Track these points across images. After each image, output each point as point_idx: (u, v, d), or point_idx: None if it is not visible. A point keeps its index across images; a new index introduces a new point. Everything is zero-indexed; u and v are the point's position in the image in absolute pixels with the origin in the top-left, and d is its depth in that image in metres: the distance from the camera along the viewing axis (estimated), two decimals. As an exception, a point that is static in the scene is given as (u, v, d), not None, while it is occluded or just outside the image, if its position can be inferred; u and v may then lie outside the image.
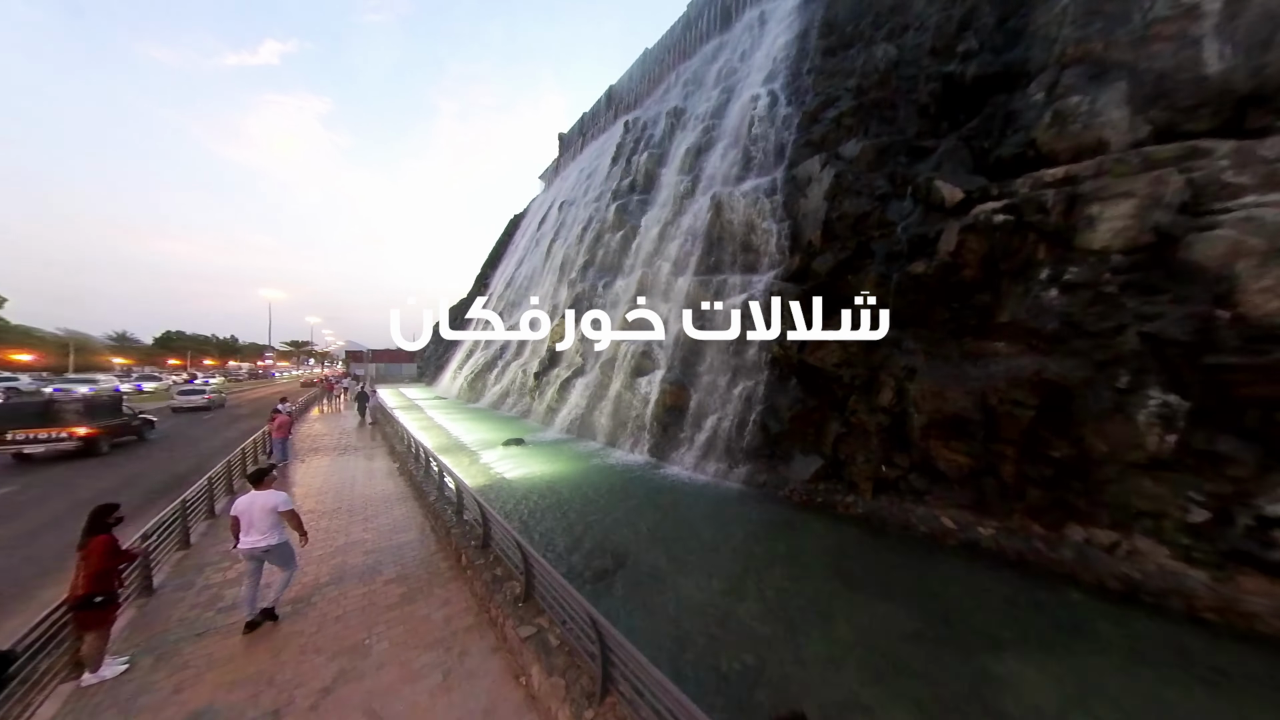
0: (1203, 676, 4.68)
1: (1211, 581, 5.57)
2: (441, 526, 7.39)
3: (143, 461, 13.32)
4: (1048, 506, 7.17)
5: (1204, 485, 5.90)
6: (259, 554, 4.79)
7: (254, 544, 4.75)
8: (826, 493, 9.63)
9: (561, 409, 20.72)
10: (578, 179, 46.59)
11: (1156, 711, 4.25)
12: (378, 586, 5.79)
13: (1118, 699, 4.37)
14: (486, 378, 35.10)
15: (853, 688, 4.50)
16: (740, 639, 5.29)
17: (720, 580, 6.72)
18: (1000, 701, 4.32)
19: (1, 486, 10.33)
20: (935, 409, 8.43)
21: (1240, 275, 6.59)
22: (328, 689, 4.00)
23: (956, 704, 4.29)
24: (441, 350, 67.39)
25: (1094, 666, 4.83)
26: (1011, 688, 4.48)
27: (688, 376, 15.22)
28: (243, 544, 4.77)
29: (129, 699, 3.90)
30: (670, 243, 20.73)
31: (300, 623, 4.98)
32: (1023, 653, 5.04)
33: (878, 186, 12.61)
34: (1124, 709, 4.26)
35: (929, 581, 6.67)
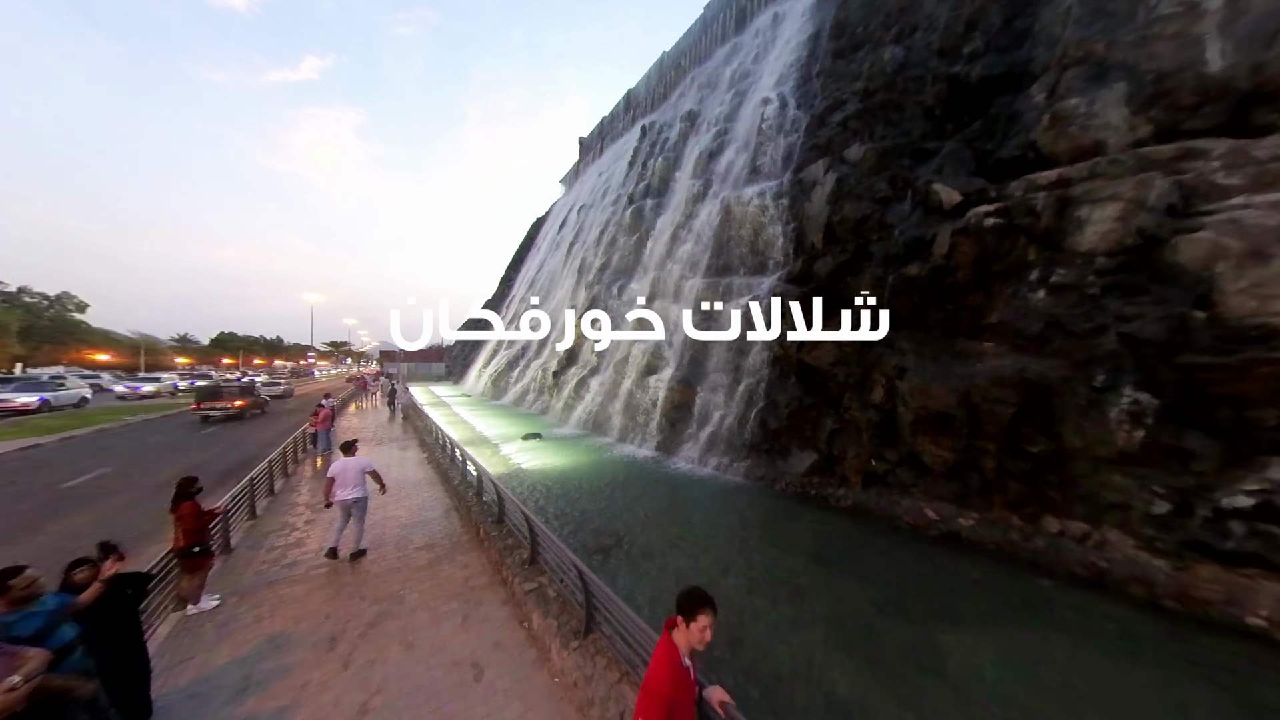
0: (1141, 654, 5.05)
1: (1171, 570, 5.86)
2: (464, 506, 8.40)
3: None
4: (1026, 499, 7.50)
5: (1168, 479, 6.16)
6: (349, 504, 6.30)
7: (346, 497, 6.28)
8: (819, 486, 10.13)
9: (578, 406, 21.73)
10: (596, 183, 47.70)
11: (1085, 678, 4.69)
12: (410, 552, 6.81)
13: (1050, 666, 4.83)
14: (509, 376, 36.63)
15: (809, 645, 5.13)
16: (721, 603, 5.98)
17: (709, 558, 7.42)
18: (935, 661, 4.86)
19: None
20: (922, 406, 8.82)
21: (1219, 276, 6.76)
22: (372, 624, 4.97)
23: (893, 661, 4.86)
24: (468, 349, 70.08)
25: (1039, 641, 5.27)
26: (952, 652, 5.00)
27: (695, 375, 15.86)
28: (337, 497, 6.26)
29: (221, 625, 4.99)
30: (681, 245, 21.37)
31: (348, 576, 6.03)
32: (975, 627, 5.53)
33: (878, 190, 12.90)
34: (1053, 674, 4.72)
35: (904, 566, 7.16)
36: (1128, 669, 4.80)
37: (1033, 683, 4.60)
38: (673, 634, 2.26)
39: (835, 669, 4.78)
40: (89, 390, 26.53)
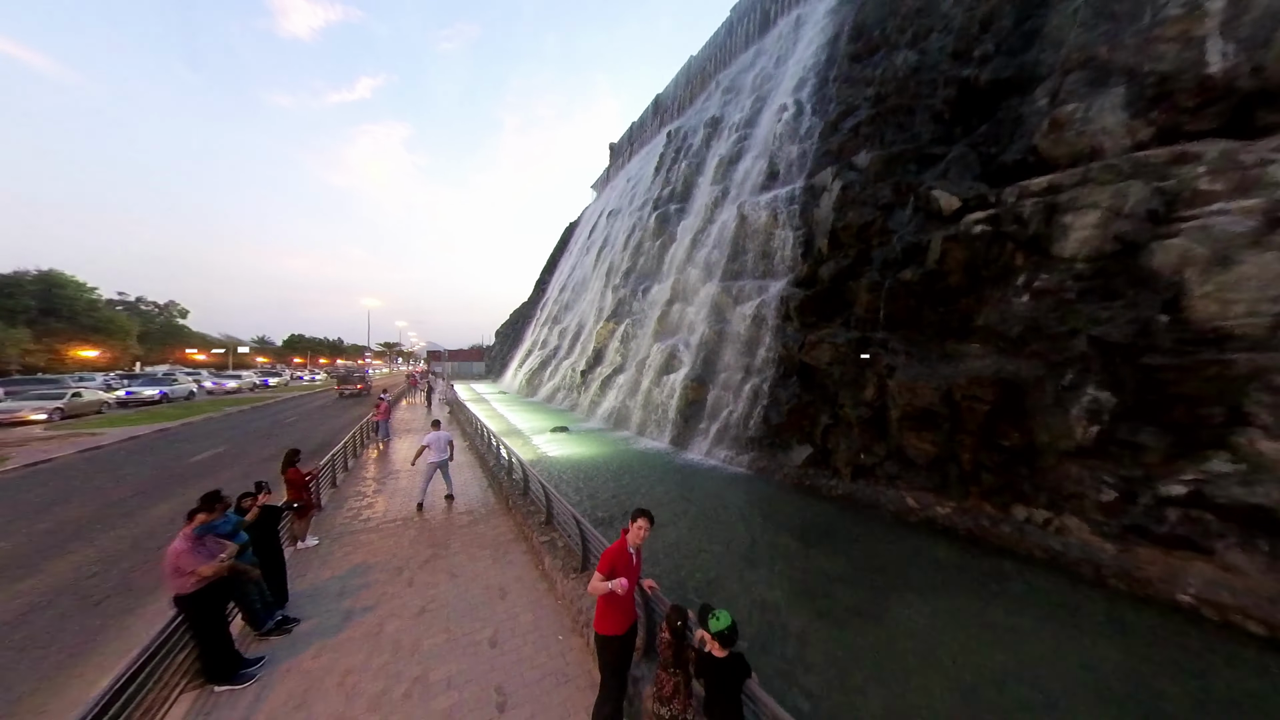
0: (1072, 621, 5.70)
1: (1115, 552, 6.37)
2: (496, 483, 10.01)
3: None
4: (998, 489, 8.07)
5: (1118, 470, 6.63)
6: (436, 465, 8.81)
7: (436, 459, 8.85)
8: (814, 477, 10.95)
9: (602, 403, 23.26)
10: (625, 188, 49.27)
11: (1009, 635, 5.45)
12: (454, 515, 8.45)
13: (979, 625, 5.62)
14: (541, 375, 38.92)
15: (772, 599, 6.19)
16: (703, 565, 7.16)
17: (701, 533, 8.57)
18: (876, 613, 5.79)
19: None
20: (908, 403, 9.48)
21: (1187, 281, 7.09)
22: (427, 560, 6.57)
23: (838, 611, 5.84)
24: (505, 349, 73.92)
25: (979, 607, 6.03)
26: (893, 609, 5.90)
27: (708, 374, 16.89)
28: (429, 459, 8.79)
29: (321, 557, 6.75)
30: (700, 250, 22.35)
31: (410, 530, 7.72)
32: (923, 593, 6.36)
33: (882, 196, 13.39)
34: (979, 630, 5.52)
35: (877, 546, 7.98)
36: (1053, 632, 5.50)
37: (954, 634, 5.44)
38: (626, 534, 3.47)
39: (785, 612, 5.84)
40: (195, 385, 31.24)
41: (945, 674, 4.73)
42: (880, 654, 5.06)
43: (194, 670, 4.03)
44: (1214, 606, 5.46)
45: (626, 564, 3.37)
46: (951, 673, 4.74)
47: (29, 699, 4.02)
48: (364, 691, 3.96)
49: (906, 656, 5.02)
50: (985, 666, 4.84)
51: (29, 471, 11.40)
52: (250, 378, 45.55)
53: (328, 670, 4.26)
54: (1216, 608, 5.44)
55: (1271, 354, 5.92)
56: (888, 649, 5.16)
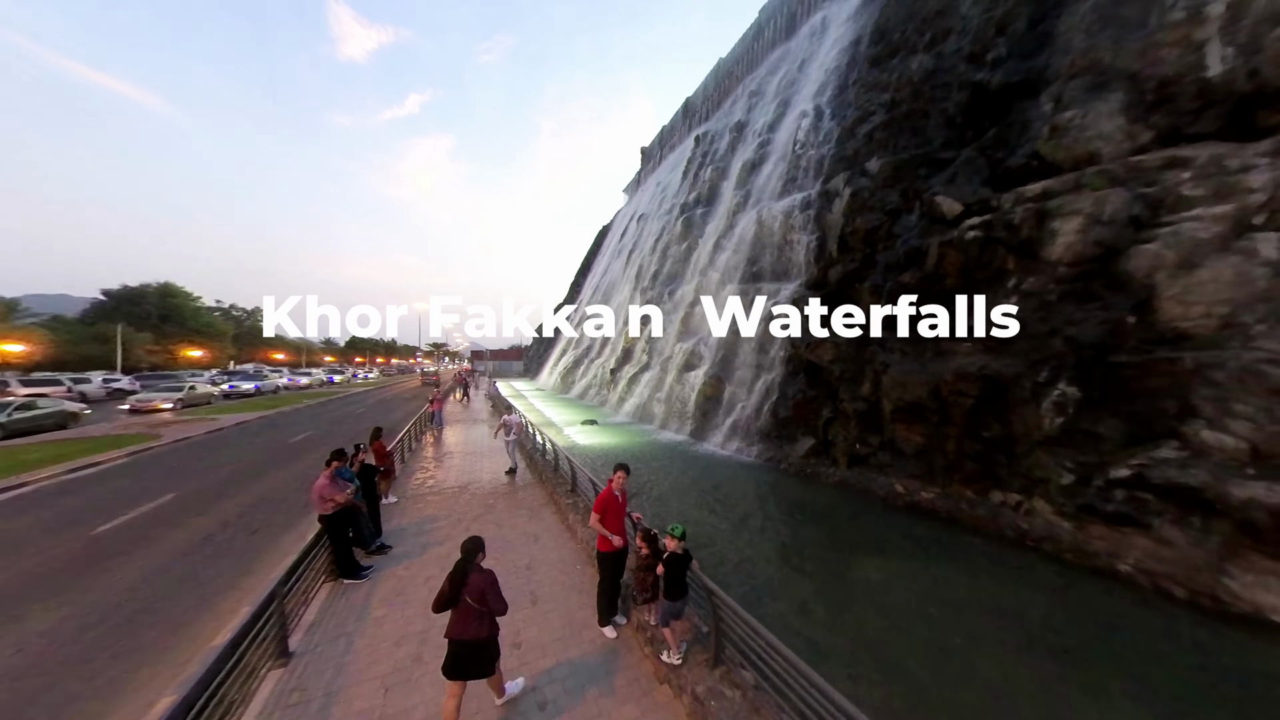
0: (1020, 584, 6.54)
1: (1072, 529, 7.07)
2: (533, 462, 11.78)
3: None
4: (978, 476, 8.80)
5: (1077, 456, 7.28)
6: (513, 441, 10.86)
7: (512, 438, 10.87)
8: (815, 465, 11.91)
9: (629, 398, 24.84)
10: (654, 192, 50.65)
11: (960, 593, 6.40)
12: (498, 486, 10.26)
13: (934, 584, 6.58)
14: (575, 373, 41.13)
15: (755, 556, 7.43)
16: (705, 532, 8.49)
17: (704, 508, 9.87)
18: (843, 571, 6.90)
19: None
20: (899, 398, 10.30)
21: (1158, 284, 7.58)
22: (478, 516, 8.35)
23: (812, 568, 6.99)
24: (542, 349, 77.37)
25: (939, 572, 6.96)
26: (859, 569, 6.97)
27: (725, 372, 18.00)
28: (508, 437, 10.88)
29: (400, 510, 8.70)
30: (721, 254, 23.38)
31: (464, 495, 9.58)
32: (891, 559, 7.36)
33: (889, 202, 14.00)
34: (932, 588, 6.50)
35: (859, 523, 8.96)
36: (994, 591, 6.40)
37: (904, 586, 6.46)
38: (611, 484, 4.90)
39: (766, 565, 7.08)
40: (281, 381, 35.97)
41: (881, 610, 5.83)
42: (834, 594, 6.23)
43: (331, 569, 5.91)
44: (1147, 575, 6.15)
45: (614, 504, 4.82)
46: (886, 610, 5.84)
47: (222, 591, 6.05)
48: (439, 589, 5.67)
49: (855, 597, 6.15)
50: (918, 608, 5.89)
51: (178, 445, 14.51)
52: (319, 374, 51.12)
53: (414, 576, 6.02)
54: (1149, 576, 6.13)
55: (1215, 352, 6.46)
56: (842, 592, 6.31)
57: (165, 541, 7.30)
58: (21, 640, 4.75)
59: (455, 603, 3.34)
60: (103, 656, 4.54)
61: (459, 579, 3.37)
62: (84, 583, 5.94)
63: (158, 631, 4.98)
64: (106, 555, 6.74)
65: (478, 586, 3.35)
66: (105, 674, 4.30)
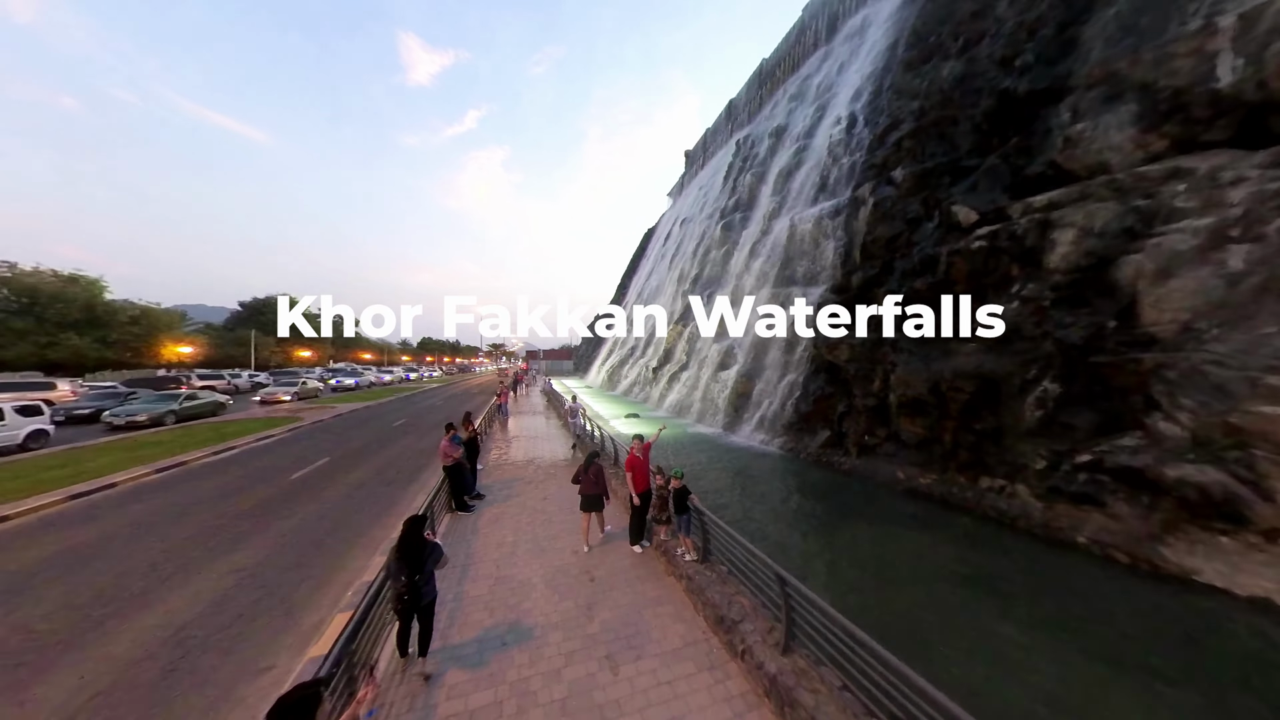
0: (989, 550, 7.76)
1: (1042, 508, 8.06)
2: (581, 442, 14.22)
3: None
4: (971, 464, 9.84)
5: (1052, 445, 8.22)
6: (580, 424, 13.03)
7: (578, 421, 13.33)
8: (829, 455, 13.23)
9: (669, 395, 26.82)
10: (697, 196, 52.05)
11: (919, 552, 7.77)
12: (556, 462, 12.76)
13: (914, 548, 7.97)
14: (620, 371, 43.79)
15: (765, 522, 9.18)
16: (724, 503, 10.36)
17: (726, 487, 11.69)
18: (832, 534, 8.48)
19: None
20: (904, 393, 11.43)
21: (1140, 292, 8.30)
22: (543, 481, 10.84)
23: (811, 530, 8.63)
24: (591, 349, 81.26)
25: (913, 537, 8.30)
26: (846, 533, 8.51)
27: (755, 371, 19.45)
28: (574, 420, 13.22)
29: (486, 474, 11.42)
30: (756, 259, 24.64)
31: (529, 468, 12.18)
32: (876, 528, 8.78)
33: (911, 210, 14.80)
34: (902, 548, 7.91)
35: (858, 501, 10.34)
36: (959, 554, 7.68)
37: (882, 547, 7.93)
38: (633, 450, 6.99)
39: (768, 526, 8.84)
40: (371, 377, 42.16)
41: (855, 561, 7.41)
42: (819, 548, 7.89)
43: (449, 504, 8.57)
44: (1099, 545, 7.15)
45: (640, 465, 6.90)
46: (860, 561, 7.41)
47: (385, 511, 8.90)
48: (522, 520, 8.10)
49: (837, 552, 7.77)
50: (888, 561, 7.39)
51: (316, 426, 18.75)
52: (399, 372, 58.26)
53: (504, 513, 8.51)
54: (1100, 545, 7.13)
55: (1171, 354, 7.25)
56: (827, 546, 7.95)
57: (336, 486, 10.50)
58: (281, 531, 7.79)
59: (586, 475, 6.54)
60: (330, 540, 7.41)
61: (590, 466, 6.64)
62: (299, 507, 9.08)
63: (352, 531, 7.84)
64: (305, 492, 9.99)
65: (596, 471, 6.61)
66: (333, 549, 7.12)
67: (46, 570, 6.25)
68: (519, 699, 3.80)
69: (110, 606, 5.36)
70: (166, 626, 4.99)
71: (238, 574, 6.21)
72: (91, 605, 5.38)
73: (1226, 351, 6.77)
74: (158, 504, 9.11)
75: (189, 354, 38.30)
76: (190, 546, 7.07)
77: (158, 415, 17.88)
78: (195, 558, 6.69)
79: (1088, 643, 5.23)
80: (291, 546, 7.19)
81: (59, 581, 5.95)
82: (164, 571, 6.24)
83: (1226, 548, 6.14)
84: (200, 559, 6.65)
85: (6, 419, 13.36)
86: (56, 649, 4.60)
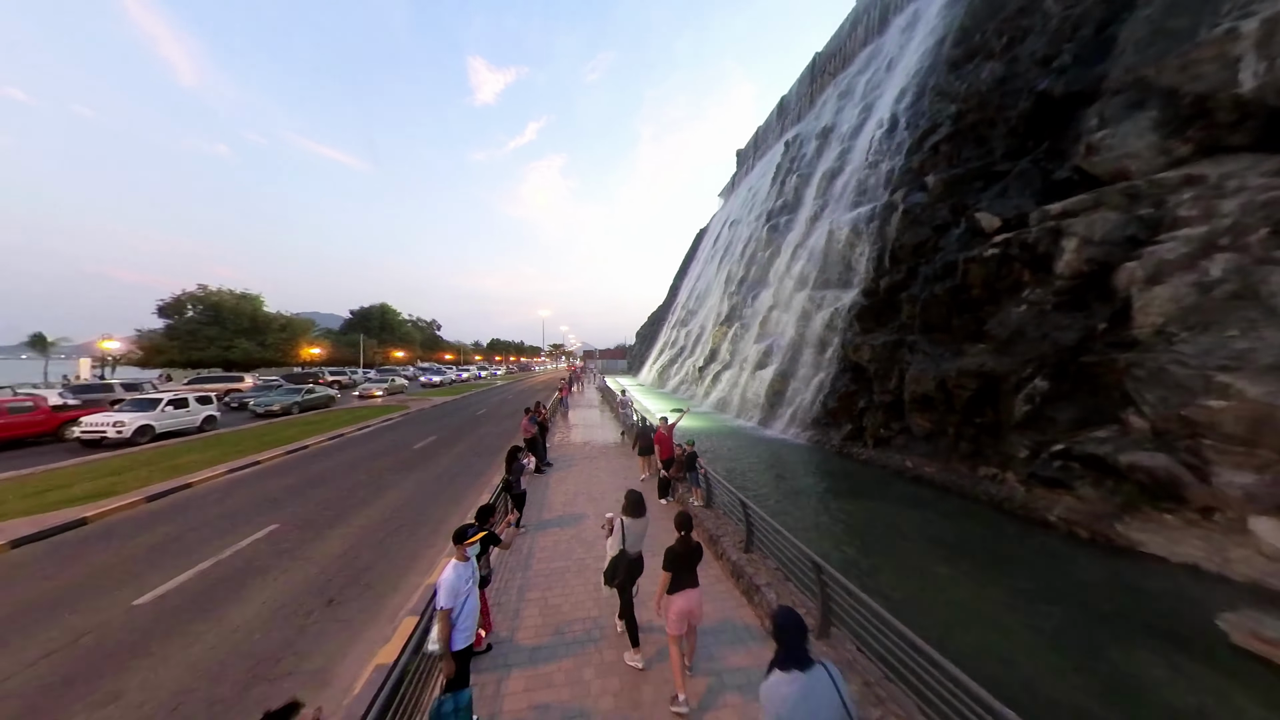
0: (965, 523, 9.03)
1: (1023, 491, 9.07)
2: (630, 432, 16.80)
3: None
4: (971, 454, 10.86)
5: (1035, 437, 9.16)
6: (629, 414, 15.52)
7: (628, 412, 15.71)
8: (849, 447, 14.50)
9: (713, 392, 28.63)
10: (746, 198, 52.66)
11: (902, 520, 9.22)
12: (609, 448, 15.43)
13: (890, 514, 9.48)
14: (670, 370, 46.05)
15: (783, 496, 11.07)
16: (751, 482, 12.34)
17: (755, 469, 13.59)
18: (832, 504, 10.16)
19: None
20: (915, 390, 12.52)
21: (1132, 297, 8.98)
22: (596, 458, 13.53)
23: (813, 500, 10.39)
24: (643, 348, 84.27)
25: (902, 510, 9.74)
26: (844, 506, 10.15)
27: (790, 370, 20.76)
28: (625, 411, 15.55)
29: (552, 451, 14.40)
30: (797, 262, 25.62)
31: (587, 447, 14.96)
32: (875, 503, 10.27)
33: (939, 217, 15.44)
34: (890, 517, 9.42)
35: (865, 482, 11.75)
36: (940, 525, 9.05)
37: (874, 516, 9.49)
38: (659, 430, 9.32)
39: (789, 503, 10.72)
40: (453, 375, 48.60)
41: (851, 527, 9.11)
42: (825, 517, 9.67)
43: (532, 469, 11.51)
44: (1066, 522, 8.18)
45: (665, 439, 9.22)
46: (855, 527, 9.09)
47: (483, 474, 12.07)
48: (580, 481, 10.79)
49: (836, 518, 9.52)
50: (877, 527, 9.00)
51: (418, 414, 23.36)
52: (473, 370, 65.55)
53: (567, 476, 11.27)
54: (1067, 523, 8.16)
55: (1143, 354, 8.02)
56: (829, 515, 9.72)
57: (445, 455, 14.04)
58: (420, 480, 11.19)
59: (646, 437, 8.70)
60: (448, 490, 10.64)
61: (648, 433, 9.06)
62: (426, 465, 12.58)
63: (465, 484, 11.03)
64: (425, 457, 13.59)
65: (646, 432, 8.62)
66: (451, 496, 10.29)
67: (306, 487, 10.08)
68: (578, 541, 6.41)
69: (345, 508, 8.83)
70: (377, 519, 8.28)
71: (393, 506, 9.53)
72: (335, 506, 8.89)
73: (1190, 352, 7.53)
74: (340, 459, 13.13)
75: (318, 355, 47.01)
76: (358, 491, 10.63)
77: (287, 405, 21.73)
78: (365, 494, 10.19)
79: (1007, 582, 6.65)
80: (421, 498, 10.50)
81: (312, 492, 9.65)
82: (362, 495, 9.75)
83: (1169, 523, 7.06)
84: (365, 499, 10.13)
85: (190, 406, 16.24)
86: (333, 521, 8.02)
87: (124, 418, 14.03)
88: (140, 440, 14.23)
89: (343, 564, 6.54)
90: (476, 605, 3.42)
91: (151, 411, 14.78)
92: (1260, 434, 6.49)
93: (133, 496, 8.91)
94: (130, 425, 13.91)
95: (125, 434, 13.82)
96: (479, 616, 3.53)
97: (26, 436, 14.12)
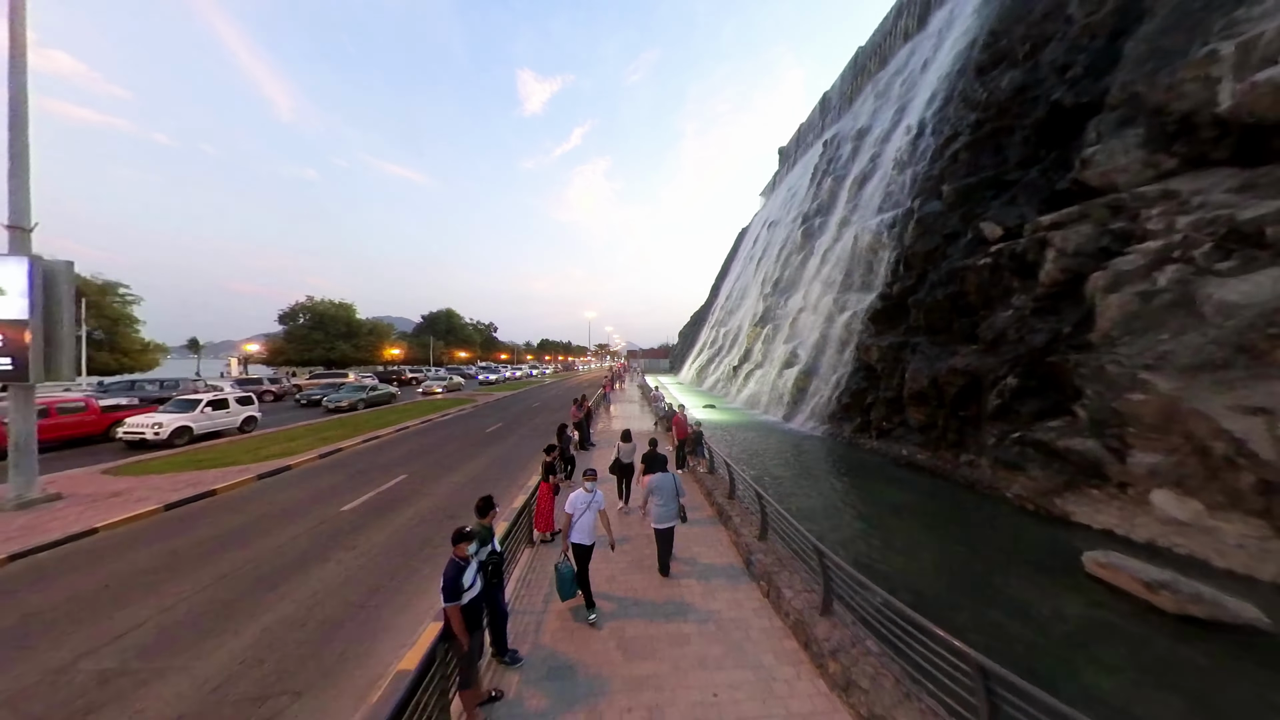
0: (933, 499, 10.67)
1: (990, 473, 10.49)
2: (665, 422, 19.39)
3: None
4: (956, 443, 12.25)
5: (1002, 426, 10.52)
6: (662, 405, 18.38)
7: (660, 404, 18.52)
8: (857, 438, 16.05)
9: (744, 390, 30.39)
10: (785, 198, 53.05)
11: (878, 495, 11.00)
12: (641, 435, 18.14)
13: (873, 491, 11.28)
14: (707, 369, 47.91)
15: (784, 475, 13.18)
16: (766, 465, 14.51)
17: (769, 455, 15.68)
18: (827, 481, 12.12)
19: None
20: (912, 387, 13.95)
21: (1095, 304, 10.12)
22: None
23: (810, 478, 12.40)
24: (684, 348, 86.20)
25: (900, 492, 11.45)
26: (835, 483, 12.07)
27: (814, 369, 22.24)
28: (659, 404, 18.41)
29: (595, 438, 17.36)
30: (825, 266, 26.75)
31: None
32: (864, 482, 12.09)
33: (950, 225, 16.45)
34: (872, 490, 11.23)
35: (862, 465, 13.46)
36: (912, 499, 10.77)
37: (859, 493, 11.38)
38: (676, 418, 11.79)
39: (794, 484, 12.83)
40: (507, 373, 53.86)
41: (844, 499, 11.10)
42: (822, 489, 11.72)
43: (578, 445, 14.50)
44: (1019, 498, 9.63)
45: (680, 421, 11.71)
46: (847, 499, 11.07)
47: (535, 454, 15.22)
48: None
49: (828, 491, 11.54)
50: (861, 499, 10.92)
51: (483, 406, 27.51)
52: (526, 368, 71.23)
53: (607, 454, 14.07)
54: (1019, 499, 9.61)
55: (1088, 355, 9.26)
56: (825, 488, 11.74)
57: (512, 436, 17.46)
58: (492, 456, 14.56)
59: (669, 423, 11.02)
60: (516, 458, 13.86)
61: (669, 415, 11.21)
62: (496, 444, 16.00)
63: (529, 454, 14.22)
64: (495, 439, 17.07)
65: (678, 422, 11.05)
66: (512, 476, 13.48)
67: (418, 454, 13.76)
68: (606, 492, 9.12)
69: (447, 467, 12.27)
70: (471, 475, 11.58)
71: (482, 467, 12.80)
72: (441, 466, 12.36)
73: (1125, 353, 8.76)
74: (434, 437, 16.96)
75: (398, 355, 54.22)
76: (453, 457, 14.11)
77: (354, 401, 23.56)
78: (459, 459, 13.61)
79: (944, 537, 8.45)
80: (500, 461, 13.79)
81: (423, 457, 13.27)
82: (457, 460, 13.20)
83: (1094, 497, 8.43)
84: (460, 461, 13.54)
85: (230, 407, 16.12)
86: (440, 475, 11.42)
87: (162, 419, 14.01)
88: (178, 442, 13.93)
89: (454, 497, 9.76)
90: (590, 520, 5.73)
91: (190, 413, 14.66)
92: (1169, 422, 7.74)
93: (310, 454, 12.94)
94: (168, 427, 13.82)
95: (163, 435, 13.64)
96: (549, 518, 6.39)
97: (78, 436, 14.08)
